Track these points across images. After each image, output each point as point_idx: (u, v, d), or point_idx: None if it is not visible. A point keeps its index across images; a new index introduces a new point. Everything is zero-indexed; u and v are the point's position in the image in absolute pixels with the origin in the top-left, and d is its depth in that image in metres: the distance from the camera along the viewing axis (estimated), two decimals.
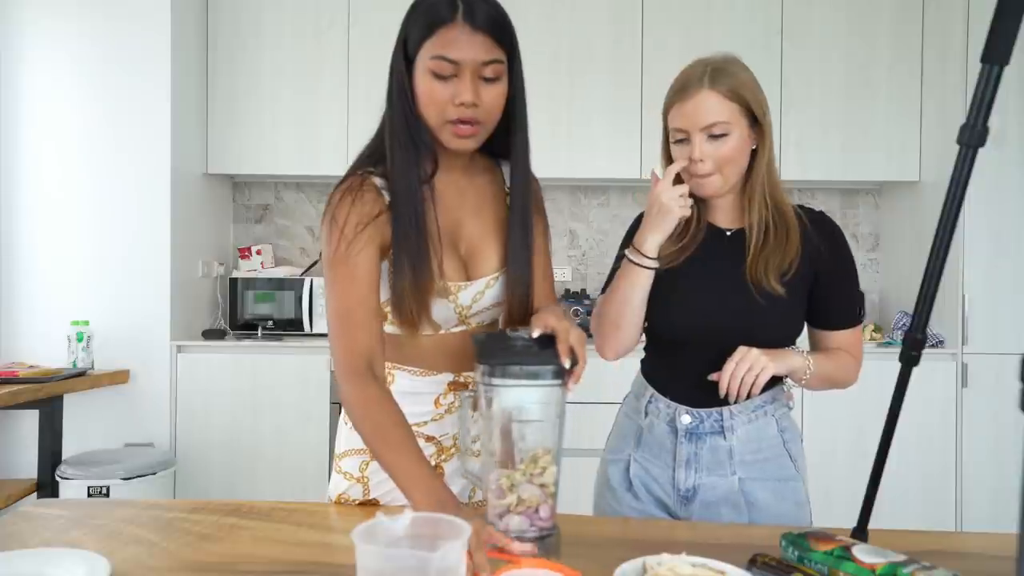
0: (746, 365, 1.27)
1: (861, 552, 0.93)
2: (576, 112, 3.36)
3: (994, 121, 1.04)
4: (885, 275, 3.72)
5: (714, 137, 1.30)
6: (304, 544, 1.11)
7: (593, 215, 3.78)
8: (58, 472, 2.82)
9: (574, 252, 3.78)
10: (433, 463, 1.29)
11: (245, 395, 3.15)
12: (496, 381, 1.02)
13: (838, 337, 1.42)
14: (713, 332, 1.35)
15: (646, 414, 1.43)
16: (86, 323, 3.06)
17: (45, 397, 2.80)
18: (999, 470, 3.05)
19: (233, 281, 3.45)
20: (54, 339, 3.07)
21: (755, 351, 1.28)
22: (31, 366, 2.97)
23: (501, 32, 1.15)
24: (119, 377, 3.08)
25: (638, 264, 1.35)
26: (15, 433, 3.12)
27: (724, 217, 1.42)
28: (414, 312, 1.19)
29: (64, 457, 2.92)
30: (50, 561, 0.96)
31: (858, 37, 3.35)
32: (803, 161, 3.37)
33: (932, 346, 3.10)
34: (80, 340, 3.02)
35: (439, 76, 1.13)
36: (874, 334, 3.23)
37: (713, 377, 1.30)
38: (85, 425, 3.09)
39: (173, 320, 3.15)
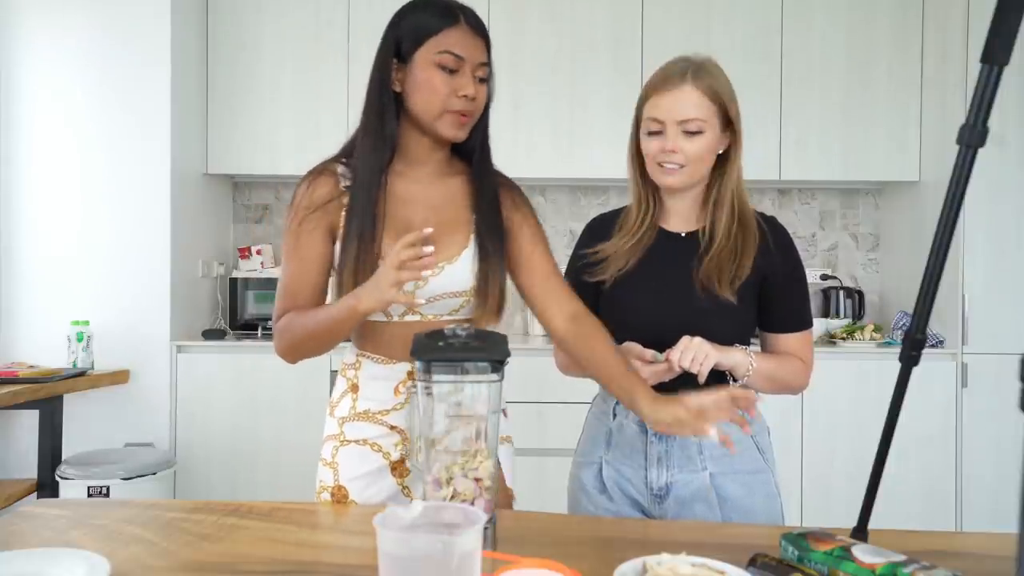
0: (690, 355, 1.28)
1: (861, 552, 0.93)
2: (576, 112, 3.35)
3: (994, 121, 1.04)
4: (885, 275, 3.71)
5: (688, 133, 1.34)
6: (304, 544, 1.11)
7: (593, 215, 3.75)
8: (58, 472, 2.81)
9: None
10: (399, 454, 1.35)
11: (245, 395, 3.15)
12: (430, 376, 1.04)
13: (787, 342, 1.44)
14: (666, 336, 1.36)
15: (615, 415, 1.44)
16: (86, 323, 3.05)
17: (45, 397, 2.80)
18: (999, 470, 3.05)
19: (233, 281, 3.45)
20: (54, 339, 3.07)
21: (698, 340, 1.30)
22: (31, 366, 2.96)
23: (488, 43, 1.33)
24: (119, 377, 3.08)
25: None
26: (15, 433, 3.12)
27: (679, 221, 1.45)
28: (351, 286, 1.28)
29: (64, 457, 2.92)
30: (50, 561, 0.96)
31: (858, 37, 3.35)
32: (803, 161, 3.36)
33: (932, 346, 3.09)
34: (80, 340, 3.02)
35: (444, 69, 1.27)
36: (874, 334, 3.22)
37: (654, 367, 1.32)
38: (85, 425, 3.09)
39: (173, 320, 3.15)
